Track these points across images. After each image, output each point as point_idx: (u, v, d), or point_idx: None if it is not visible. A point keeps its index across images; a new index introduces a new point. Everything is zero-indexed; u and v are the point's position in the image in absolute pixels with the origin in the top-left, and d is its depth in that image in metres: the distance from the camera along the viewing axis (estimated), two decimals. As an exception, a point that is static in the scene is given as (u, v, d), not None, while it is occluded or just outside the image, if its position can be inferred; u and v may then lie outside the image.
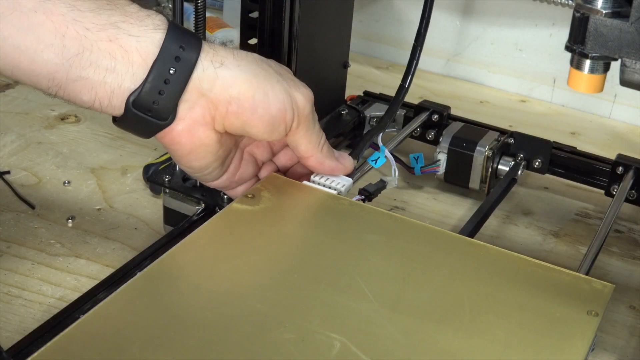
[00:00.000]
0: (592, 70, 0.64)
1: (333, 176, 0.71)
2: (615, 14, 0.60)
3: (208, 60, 0.61)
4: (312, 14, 0.87)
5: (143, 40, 0.58)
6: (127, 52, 0.58)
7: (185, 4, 0.78)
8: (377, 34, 1.27)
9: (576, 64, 0.64)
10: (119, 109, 0.60)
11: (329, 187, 0.70)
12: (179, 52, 0.59)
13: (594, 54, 0.63)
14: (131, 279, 0.58)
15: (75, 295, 0.69)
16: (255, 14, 0.84)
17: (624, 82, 0.63)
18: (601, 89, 0.65)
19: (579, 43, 0.63)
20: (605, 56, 0.62)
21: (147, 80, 0.59)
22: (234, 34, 1.26)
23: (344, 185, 0.71)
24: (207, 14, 0.78)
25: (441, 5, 1.20)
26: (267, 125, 0.63)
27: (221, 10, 1.36)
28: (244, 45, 0.87)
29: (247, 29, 0.86)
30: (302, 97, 0.65)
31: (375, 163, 0.79)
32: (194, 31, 0.77)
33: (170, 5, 1.05)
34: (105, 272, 0.73)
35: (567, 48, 0.65)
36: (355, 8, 0.97)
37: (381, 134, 0.81)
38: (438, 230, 0.67)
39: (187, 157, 0.64)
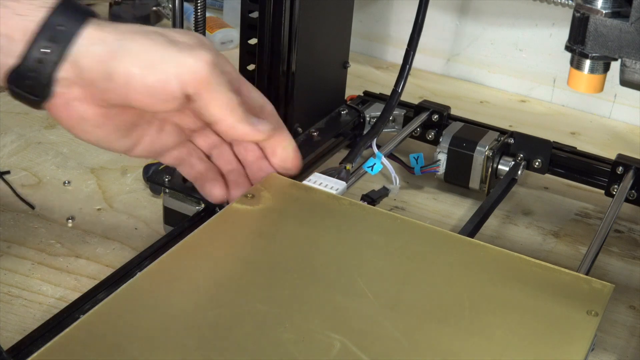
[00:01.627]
0: (592, 70, 0.64)
1: (326, 180, 0.71)
2: (615, 14, 0.60)
3: (89, 37, 0.60)
4: (312, 14, 0.87)
5: (26, 18, 0.59)
6: (10, 30, 0.59)
7: (185, 4, 0.78)
8: (377, 34, 1.27)
9: (576, 64, 0.64)
10: (2, 83, 0.61)
11: (327, 187, 0.71)
12: (57, 30, 0.59)
13: (594, 54, 0.63)
14: (131, 279, 0.58)
15: (75, 295, 0.69)
16: (255, 14, 0.84)
17: (624, 82, 0.63)
18: (601, 89, 0.65)
19: (579, 43, 0.63)
20: (605, 56, 0.63)
21: (24, 58, 0.59)
22: (234, 34, 1.27)
23: (337, 189, 0.71)
24: (207, 14, 0.78)
25: (441, 5, 1.20)
26: (149, 98, 0.61)
27: (221, 10, 1.36)
28: (244, 45, 0.87)
29: (247, 28, 0.86)
30: (196, 62, 0.61)
31: (372, 170, 0.79)
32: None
33: (170, 5, 1.05)
34: (105, 272, 0.73)
35: (567, 48, 0.65)
36: (355, 8, 0.97)
37: (375, 140, 0.81)
38: (438, 230, 0.67)
39: (74, 130, 0.64)
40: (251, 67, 0.88)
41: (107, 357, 0.51)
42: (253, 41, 0.86)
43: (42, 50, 0.59)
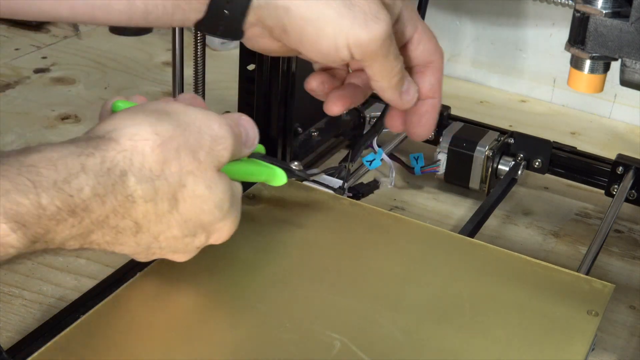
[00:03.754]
0: (592, 70, 0.64)
1: (327, 179, 0.72)
2: (615, 14, 0.60)
3: None
4: (312, 14, 0.87)
5: None
6: None
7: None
8: (377, 34, 1.27)
9: (576, 64, 0.64)
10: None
11: (326, 186, 0.71)
12: None
13: (594, 54, 0.63)
14: (131, 279, 0.58)
15: (75, 295, 0.69)
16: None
17: (624, 82, 0.63)
18: (601, 89, 0.65)
19: (579, 43, 0.63)
20: (605, 56, 0.62)
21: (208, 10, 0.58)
22: (234, 34, 1.26)
23: (339, 186, 0.72)
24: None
25: (441, 5, 1.20)
26: (319, 57, 0.60)
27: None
28: (245, 45, 0.87)
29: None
30: (368, 35, 0.58)
31: (370, 164, 0.79)
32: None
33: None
34: (105, 272, 0.73)
35: (567, 48, 0.65)
36: (355, 8, 0.96)
37: (375, 139, 0.81)
38: (438, 230, 0.67)
39: (261, 50, 0.63)
40: (251, 67, 0.88)
41: (106, 357, 0.51)
42: (253, 41, 0.86)
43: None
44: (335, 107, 0.65)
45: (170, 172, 0.50)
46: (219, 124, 0.54)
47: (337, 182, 0.73)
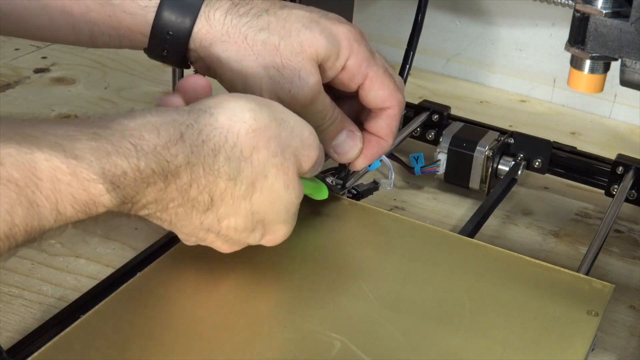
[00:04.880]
0: (592, 70, 0.64)
1: (328, 178, 0.72)
2: (615, 14, 0.60)
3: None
4: (312, 14, 0.87)
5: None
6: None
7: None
8: (377, 34, 1.27)
9: (576, 64, 0.64)
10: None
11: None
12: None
13: (594, 54, 0.63)
14: (131, 279, 0.58)
15: (75, 295, 0.69)
16: (255, 14, 0.84)
17: (624, 82, 0.63)
18: (601, 89, 0.66)
19: (579, 43, 0.63)
20: (605, 56, 0.63)
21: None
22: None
23: (338, 185, 0.72)
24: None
25: (441, 5, 1.20)
26: None
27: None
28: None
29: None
30: (288, 97, 0.60)
31: (369, 166, 0.78)
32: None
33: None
34: (105, 272, 0.73)
35: (567, 48, 0.65)
36: (355, 8, 0.97)
37: None
38: (438, 230, 0.67)
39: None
40: (251, 67, 0.88)
41: (107, 356, 0.51)
42: (253, 41, 0.86)
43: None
44: None
45: (257, 158, 0.53)
46: (310, 131, 0.56)
47: (336, 182, 0.72)
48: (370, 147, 0.66)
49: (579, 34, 0.62)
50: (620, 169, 0.88)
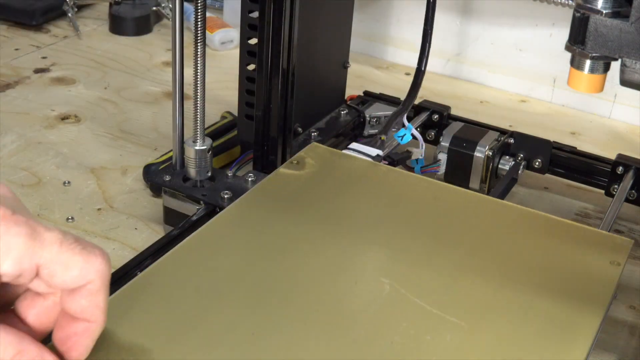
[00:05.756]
0: (592, 70, 0.64)
1: (364, 148, 0.81)
2: (615, 14, 0.60)
3: None
4: (312, 14, 0.87)
5: None
6: None
7: (185, 4, 0.78)
8: (377, 34, 1.27)
9: (576, 64, 0.64)
10: None
11: (364, 154, 0.80)
12: None
13: (594, 54, 0.63)
14: (190, 236, 0.63)
15: (75, 295, 0.69)
16: (255, 14, 0.84)
17: (624, 82, 0.63)
18: (601, 89, 0.65)
19: (579, 43, 0.63)
20: (605, 56, 0.62)
21: None
22: (234, 34, 1.27)
23: (377, 154, 0.81)
24: (207, 14, 0.78)
25: (441, 5, 1.19)
26: None
27: (221, 10, 1.36)
28: (244, 45, 0.87)
29: (247, 28, 0.86)
30: None
31: (402, 140, 0.86)
32: (194, 31, 0.77)
33: (170, 5, 1.05)
34: (105, 272, 0.73)
35: (567, 48, 0.65)
36: (355, 8, 0.97)
37: (405, 114, 0.87)
38: (469, 192, 0.73)
39: None
40: (251, 67, 0.88)
41: (165, 306, 0.56)
42: (253, 41, 0.86)
43: None
44: None
45: None
46: None
47: (374, 151, 0.81)
48: (80, 337, 0.49)
49: (579, 34, 0.62)
50: (620, 169, 0.88)
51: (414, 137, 0.87)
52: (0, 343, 0.45)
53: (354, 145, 0.82)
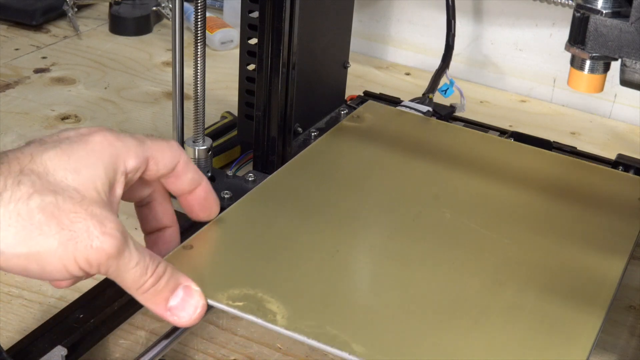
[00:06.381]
0: (592, 70, 0.64)
1: (415, 105, 0.91)
2: (615, 14, 0.60)
3: None
4: (312, 14, 0.87)
5: None
6: None
7: (185, 4, 0.78)
8: (377, 34, 1.27)
9: (576, 64, 0.64)
10: None
11: (415, 110, 0.90)
12: None
13: (594, 54, 0.63)
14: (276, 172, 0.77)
15: (75, 295, 0.69)
16: (255, 14, 0.84)
17: (624, 82, 0.63)
18: (601, 89, 0.65)
19: (579, 43, 0.63)
20: (605, 56, 0.62)
21: None
22: (234, 34, 1.27)
23: (427, 110, 0.90)
24: (207, 14, 0.78)
25: (441, 5, 1.20)
26: (52, 279, 0.57)
27: (221, 10, 1.36)
28: (244, 45, 0.87)
29: (247, 28, 0.86)
30: (95, 254, 0.53)
31: (445, 93, 0.95)
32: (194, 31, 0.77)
33: (170, 5, 1.04)
34: (105, 272, 0.73)
35: (567, 48, 0.65)
36: (355, 8, 0.97)
37: (447, 71, 0.97)
38: (515, 144, 0.85)
39: None
40: (251, 67, 0.88)
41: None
42: (253, 41, 0.86)
43: None
44: None
45: None
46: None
47: (423, 108, 0.90)
48: (207, 196, 0.65)
49: (579, 34, 0.62)
50: (620, 169, 0.88)
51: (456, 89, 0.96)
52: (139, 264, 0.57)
53: (406, 102, 0.92)
